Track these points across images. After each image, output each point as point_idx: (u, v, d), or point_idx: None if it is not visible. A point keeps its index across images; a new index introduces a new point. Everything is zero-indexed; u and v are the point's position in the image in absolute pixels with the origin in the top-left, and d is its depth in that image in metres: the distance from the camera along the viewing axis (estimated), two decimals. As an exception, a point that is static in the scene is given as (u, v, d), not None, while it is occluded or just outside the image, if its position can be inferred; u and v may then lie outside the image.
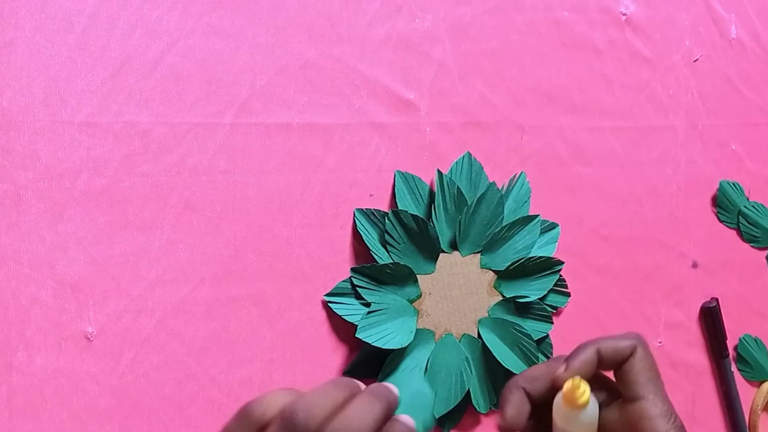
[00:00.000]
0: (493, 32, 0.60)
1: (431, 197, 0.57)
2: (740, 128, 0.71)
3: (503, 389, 0.40)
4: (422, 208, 0.57)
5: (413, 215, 0.55)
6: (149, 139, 0.49)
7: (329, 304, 0.54)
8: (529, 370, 0.41)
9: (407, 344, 0.54)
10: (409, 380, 0.46)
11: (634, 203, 0.66)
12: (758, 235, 0.71)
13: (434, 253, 0.57)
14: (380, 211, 0.55)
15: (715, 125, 0.70)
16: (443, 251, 0.57)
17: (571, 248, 0.63)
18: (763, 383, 0.71)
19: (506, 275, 0.59)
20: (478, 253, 0.58)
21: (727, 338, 0.68)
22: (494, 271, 0.59)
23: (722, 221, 0.70)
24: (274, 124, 0.53)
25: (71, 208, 0.48)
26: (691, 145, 0.68)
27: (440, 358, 0.56)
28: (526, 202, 0.60)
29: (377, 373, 0.55)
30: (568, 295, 0.62)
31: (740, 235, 0.71)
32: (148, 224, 0.50)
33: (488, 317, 0.58)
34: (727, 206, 0.70)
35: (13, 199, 0.47)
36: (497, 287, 0.59)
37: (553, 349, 0.61)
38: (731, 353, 0.69)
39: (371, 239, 0.55)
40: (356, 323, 0.53)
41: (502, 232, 0.58)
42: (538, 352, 0.58)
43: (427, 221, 0.55)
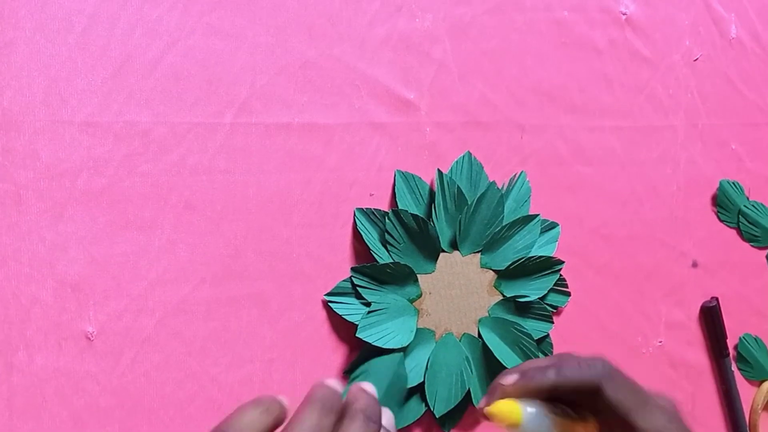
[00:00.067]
0: (493, 32, 0.60)
1: (431, 197, 0.57)
2: (740, 128, 0.71)
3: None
4: (422, 207, 0.57)
5: (413, 215, 0.55)
6: (149, 138, 0.50)
7: (329, 303, 0.54)
8: (522, 365, 0.38)
9: (407, 344, 0.54)
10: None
11: (634, 203, 0.66)
12: (758, 234, 0.71)
13: (434, 252, 0.57)
14: (380, 210, 0.55)
15: (715, 125, 0.70)
16: (443, 251, 0.57)
17: (571, 248, 0.63)
18: (763, 382, 0.71)
19: (506, 275, 0.59)
20: (478, 252, 0.58)
21: (727, 337, 0.68)
22: (494, 270, 0.59)
23: (722, 221, 0.70)
24: (274, 123, 0.53)
25: (71, 207, 0.48)
26: (691, 144, 0.68)
27: (440, 357, 0.56)
28: (526, 201, 0.60)
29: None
30: (568, 294, 0.62)
31: (740, 234, 0.71)
32: (148, 224, 0.50)
33: (488, 317, 0.58)
34: (727, 206, 0.70)
35: (13, 198, 0.47)
36: (497, 287, 0.59)
37: (553, 348, 0.61)
38: (731, 352, 0.69)
39: (371, 239, 0.55)
40: (356, 323, 0.54)
41: (502, 231, 0.58)
42: (538, 351, 0.58)
43: (427, 221, 0.55)
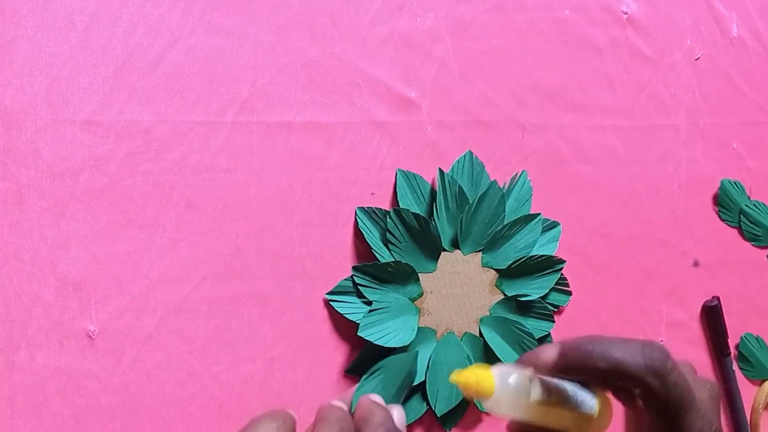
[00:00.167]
0: (494, 31, 0.60)
1: (433, 196, 0.57)
2: (742, 127, 0.71)
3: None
4: (424, 206, 0.57)
5: (415, 214, 0.55)
6: (151, 137, 0.50)
7: (331, 302, 0.54)
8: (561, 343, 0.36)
9: (409, 343, 0.54)
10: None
11: (635, 202, 0.66)
12: (760, 233, 0.71)
13: (436, 251, 0.57)
14: (382, 209, 0.55)
15: (716, 124, 0.70)
16: (445, 250, 0.57)
17: (572, 247, 0.63)
18: (764, 382, 0.71)
19: (508, 274, 0.59)
20: (479, 251, 0.58)
21: (728, 337, 0.68)
22: (496, 269, 0.59)
23: (723, 220, 0.70)
24: (275, 122, 0.53)
25: (73, 206, 0.48)
26: (692, 143, 0.68)
27: (442, 356, 0.56)
28: (527, 200, 0.60)
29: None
30: (569, 293, 0.62)
31: (741, 233, 0.71)
32: (149, 222, 0.50)
33: (490, 316, 0.58)
34: (728, 205, 0.70)
35: (14, 197, 0.47)
36: (499, 286, 0.59)
37: (554, 347, 0.61)
38: (732, 352, 0.69)
39: (373, 238, 0.55)
40: (358, 322, 0.54)
41: (503, 230, 0.58)
42: (539, 350, 0.58)
43: (428, 220, 0.55)
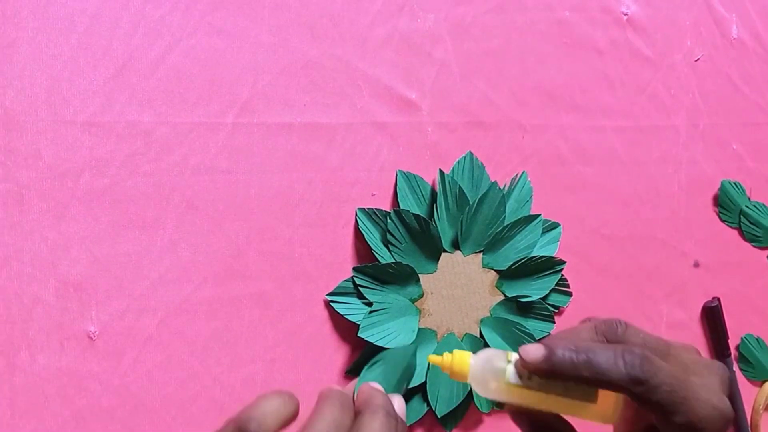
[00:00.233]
0: (494, 32, 0.60)
1: (433, 197, 0.57)
2: (741, 128, 0.71)
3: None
4: (424, 207, 0.57)
5: (415, 215, 0.55)
6: (151, 138, 0.50)
7: (331, 303, 0.54)
8: (549, 340, 0.34)
9: (409, 344, 0.54)
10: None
11: (635, 203, 0.66)
12: (760, 234, 0.71)
13: (436, 252, 0.57)
14: (382, 210, 0.55)
15: (716, 125, 0.70)
16: (445, 251, 0.57)
17: (572, 248, 0.63)
18: (764, 383, 0.70)
19: (508, 275, 0.59)
20: (479, 252, 0.58)
21: (728, 338, 0.68)
22: (496, 270, 0.59)
23: (724, 221, 0.70)
24: (276, 123, 0.53)
25: (74, 207, 0.48)
26: (692, 144, 0.69)
27: (442, 357, 0.56)
28: (527, 201, 0.60)
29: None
30: (569, 294, 0.62)
31: (742, 234, 0.71)
32: (150, 224, 0.50)
33: (490, 317, 0.58)
34: (728, 206, 0.70)
35: (15, 198, 0.47)
36: (499, 287, 0.59)
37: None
38: (733, 353, 0.69)
39: (373, 239, 0.55)
40: (358, 323, 0.54)
41: (503, 231, 0.58)
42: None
43: (429, 221, 0.55)
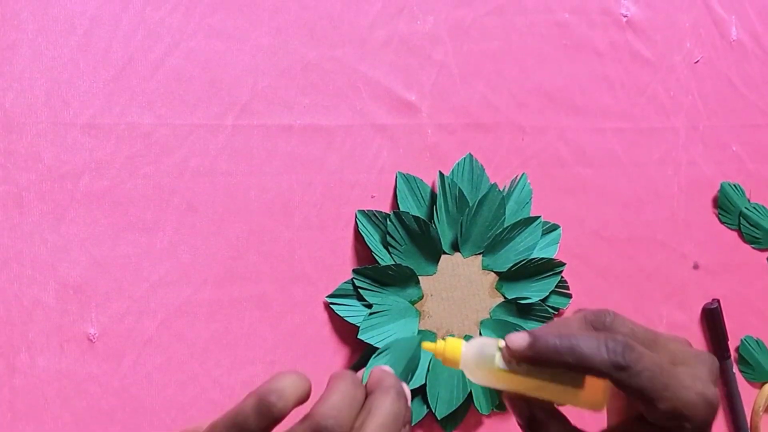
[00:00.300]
0: (494, 34, 0.60)
1: (433, 199, 0.57)
2: (741, 129, 0.71)
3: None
4: (424, 209, 0.57)
5: (415, 216, 0.55)
6: (151, 140, 0.50)
7: (331, 305, 0.54)
8: (535, 330, 0.35)
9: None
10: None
11: (635, 205, 0.66)
12: (759, 236, 0.71)
13: (436, 254, 0.57)
14: (382, 212, 0.55)
15: (716, 126, 0.70)
16: (445, 252, 0.57)
17: (572, 250, 0.63)
18: (764, 384, 0.70)
19: (508, 276, 0.59)
20: (479, 254, 0.58)
21: (728, 339, 0.68)
22: (496, 272, 0.59)
23: (723, 222, 0.70)
24: (275, 125, 0.53)
25: (74, 209, 0.48)
26: (692, 146, 0.69)
27: (442, 359, 0.56)
28: (527, 203, 0.60)
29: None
30: (569, 296, 0.62)
31: (741, 236, 0.71)
32: (150, 226, 0.50)
33: (490, 318, 0.58)
34: (728, 207, 0.70)
35: (15, 200, 0.47)
36: (499, 288, 0.59)
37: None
38: (733, 354, 0.69)
39: (373, 240, 0.55)
40: (358, 325, 0.54)
41: (503, 233, 0.58)
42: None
43: (428, 222, 0.55)
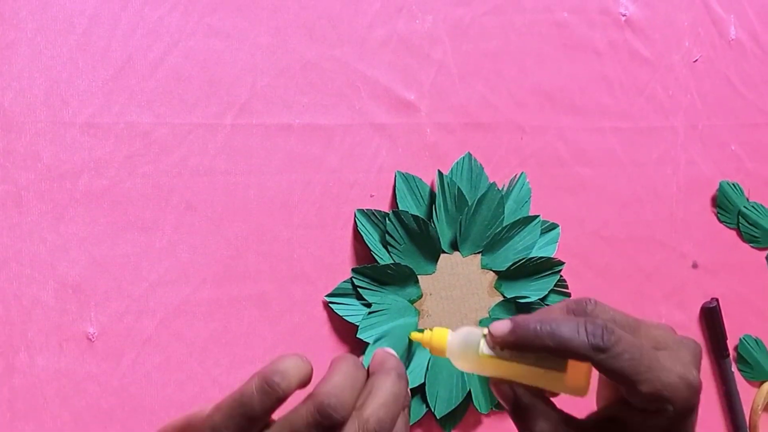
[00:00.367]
0: (493, 33, 0.60)
1: (432, 198, 0.57)
2: (740, 129, 0.71)
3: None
4: (423, 208, 0.57)
5: (414, 216, 0.55)
6: (150, 139, 0.50)
7: (330, 304, 0.54)
8: (516, 317, 0.36)
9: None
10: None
11: (634, 204, 0.66)
12: (758, 235, 0.71)
13: (435, 253, 0.57)
14: (381, 211, 0.55)
15: (714, 126, 0.70)
16: (444, 252, 0.57)
17: (571, 249, 0.63)
18: (763, 383, 0.71)
19: (507, 276, 0.59)
20: (478, 253, 0.58)
21: (727, 338, 0.68)
22: (495, 271, 0.59)
23: (722, 222, 0.70)
24: (274, 124, 0.53)
25: (73, 208, 0.48)
26: (690, 145, 0.69)
27: (441, 359, 0.56)
28: (526, 202, 0.60)
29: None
30: (568, 295, 0.62)
31: (740, 235, 0.71)
32: (149, 225, 0.50)
33: (489, 317, 0.58)
34: (727, 206, 0.70)
35: (14, 199, 0.47)
36: (498, 287, 0.59)
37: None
38: (731, 353, 0.69)
39: (372, 240, 0.55)
40: (357, 324, 0.54)
41: (502, 232, 0.58)
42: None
43: (427, 222, 0.55)
